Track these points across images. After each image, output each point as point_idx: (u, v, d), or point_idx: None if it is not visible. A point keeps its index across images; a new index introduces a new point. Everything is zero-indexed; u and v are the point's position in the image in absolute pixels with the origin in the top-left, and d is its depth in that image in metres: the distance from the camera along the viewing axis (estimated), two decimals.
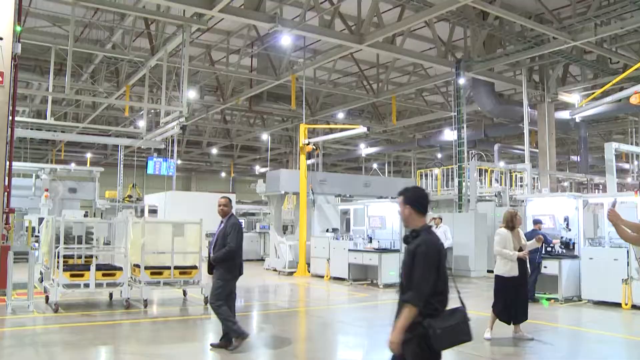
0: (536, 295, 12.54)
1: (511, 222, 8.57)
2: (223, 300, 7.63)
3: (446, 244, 14.32)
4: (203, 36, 20.29)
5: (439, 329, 3.58)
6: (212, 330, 9.61)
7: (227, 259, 7.62)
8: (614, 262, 11.71)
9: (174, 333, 9.10)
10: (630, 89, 12.72)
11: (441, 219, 15.64)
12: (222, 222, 7.88)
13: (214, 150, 39.18)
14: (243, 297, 14.00)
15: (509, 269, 8.40)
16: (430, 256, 3.72)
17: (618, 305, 11.48)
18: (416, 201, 3.91)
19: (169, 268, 11.38)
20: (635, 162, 23.37)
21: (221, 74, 23.05)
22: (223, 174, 48.45)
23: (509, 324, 8.61)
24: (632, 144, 23.10)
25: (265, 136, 33.04)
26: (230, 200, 8.02)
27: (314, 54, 21.55)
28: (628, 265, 11.43)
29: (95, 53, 19.23)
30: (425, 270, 3.69)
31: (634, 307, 11.33)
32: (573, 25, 15.92)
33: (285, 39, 16.98)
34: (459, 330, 3.68)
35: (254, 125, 32.71)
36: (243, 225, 25.38)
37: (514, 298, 8.49)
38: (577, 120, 22.06)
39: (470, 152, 20.96)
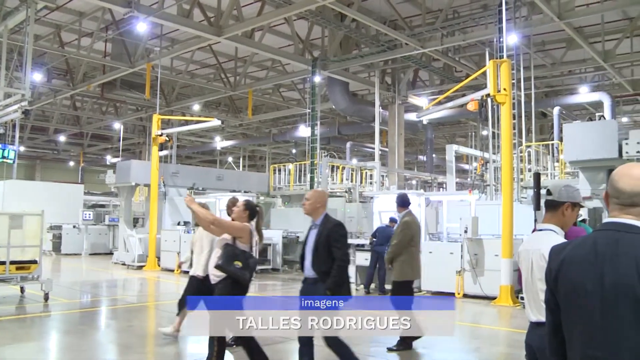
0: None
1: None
2: None
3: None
4: (52, 15, 18.97)
5: None
6: (54, 327, 9.15)
7: None
8: (450, 256, 12.64)
9: (7, 334, 8.44)
10: (469, 96, 13.76)
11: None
12: None
13: (62, 138, 36.93)
14: (90, 292, 13.43)
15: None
16: None
17: (452, 294, 12.42)
18: None
19: (4, 263, 10.57)
20: (474, 164, 25.26)
21: (71, 57, 21.72)
22: (71, 163, 45.76)
23: None
24: (471, 146, 24.89)
25: (117, 125, 31.70)
26: None
27: (172, 43, 21.03)
28: (462, 258, 12.42)
29: None
30: None
31: (465, 295, 12.32)
32: (422, 34, 16.98)
33: (141, 26, 16.42)
34: None
35: (106, 114, 31.22)
36: (91, 218, 24.27)
37: None
38: (425, 122, 23.50)
39: (323, 148, 21.55)
